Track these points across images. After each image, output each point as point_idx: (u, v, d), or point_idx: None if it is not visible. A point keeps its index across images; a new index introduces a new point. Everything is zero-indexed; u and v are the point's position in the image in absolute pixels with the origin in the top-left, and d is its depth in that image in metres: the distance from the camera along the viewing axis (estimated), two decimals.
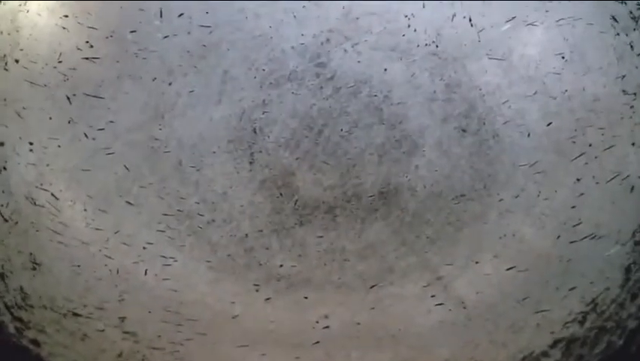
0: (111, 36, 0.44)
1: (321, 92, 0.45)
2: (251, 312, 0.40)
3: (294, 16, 0.46)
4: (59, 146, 0.43)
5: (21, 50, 0.42)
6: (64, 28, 0.43)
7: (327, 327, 0.40)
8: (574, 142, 0.41)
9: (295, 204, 0.42)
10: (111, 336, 0.39)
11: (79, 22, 0.43)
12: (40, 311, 0.38)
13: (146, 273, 0.41)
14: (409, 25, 0.46)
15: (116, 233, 0.42)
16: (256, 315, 0.40)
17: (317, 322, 0.40)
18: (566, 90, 0.41)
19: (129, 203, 0.42)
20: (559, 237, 0.40)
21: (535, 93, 0.42)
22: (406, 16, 0.46)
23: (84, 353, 0.38)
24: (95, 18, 0.43)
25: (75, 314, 0.38)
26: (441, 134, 0.43)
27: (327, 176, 0.43)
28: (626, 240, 0.40)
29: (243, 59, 0.46)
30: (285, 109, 0.45)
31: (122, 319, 0.39)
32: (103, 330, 0.38)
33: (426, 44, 0.46)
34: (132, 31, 0.44)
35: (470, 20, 0.44)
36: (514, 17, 0.43)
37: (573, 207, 0.40)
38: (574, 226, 0.40)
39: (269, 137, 0.43)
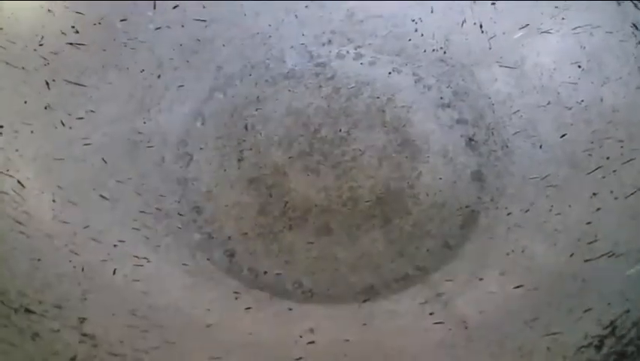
0: (99, 23, 0.47)
1: (320, 91, 0.44)
2: (228, 321, 0.39)
3: (296, 16, 0.46)
4: (32, 132, 0.45)
5: (0, 28, 0.43)
6: (49, 10, 0.46)
7: (312, 342, 0.38)
8: (590, 155, 0.41)
9: (285, 205, 0.40)
10: (67, 338, 0.36)
11: (65, 6, 0.47)
12: None
13: (114, 272, 0.42)
14: (416, 30, 0.45)
15: (85, 228, 0.43)
16: (233, 325, 0.38)
17: (301, 336, 0.38)
18: (582, 100, 0.41)
19: (103, 197, 0.42)
20: (572, 254, 0.39)
21: (549, 103, 0.42)
22: (414, 21, 0.45)
23: (32, 353, 0.34)
24: (83, 3, 0.47)
25: (28, 310, 0.35)
26: (447, 142, 0.42)
27: (322, 177, 0.44)
28: None
29: (238, 56, 0.45)
30: (280, 106, 0.44)
31: (82, 320, 0.37)
32: (58, 330, 0.36)
33: (433, 50, 0.45)
34: (122, 20, 0.45)
35: (481, 27, 0.44)
36: (527, 24, 0.43)
37: (588, 223, 0.40)
38: (589, 243, 0.39)
39: (261, 134, 0.43)
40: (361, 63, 0.47)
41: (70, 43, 0.46)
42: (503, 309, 0.40)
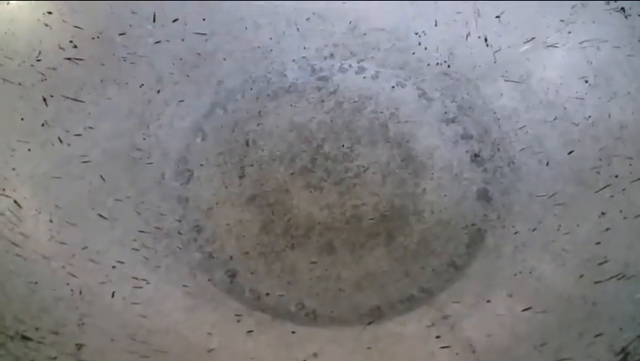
0: (98, 37, 0.44)
1: (322, 105, 0.41)
2: (229, 346, 0.37)
3: (297, 29, 0.43)
4: (29, 149, 0.42)
5: None
6: (46, 25, 0.43)
7: None
8: (598, 172, 0.38)
9: (287, 224, 0.37)
10: None
11: (64, 20, 0.43)
12: None
13: (113, 295, 0.39)
14: (419, 43, 0.43)
15: (83, 249, 0.41)
16: (235, 350, 0.36)
17: None
18: (590, 116, 0.38)
19: (102, 217, 0.40)
20: (582, 276, 0.37)
21: (556, 119, 0.39)
22: (417, 34, 0.43)
23: None
24: (81, 17, 0.44)
25: (24, 338, 0.33)
26: (451, 158, 0.39)
27: (325, 195, 0.42)
28: None
29: (239, 70, 0.43)
30: (282, 121, 0.41)
31: (80, 346, 0.37)
32: (55, 358, 0.33)
33: (437, 64, 0.42)
34: (121, 34, 0.44)
35: (486, 40, 0.41)
36: (533, 38, 0.40)
37: (598, 243, 0.37)
38: (599, 264, 0.37)
39: (262, 150, 0.40)
40: (364, 77, 0.45)
41: (69, 58, 0.43)
42: (511, 332, 0.38)
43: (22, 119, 0.41)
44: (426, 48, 0.44)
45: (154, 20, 0.43)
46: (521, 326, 0.37)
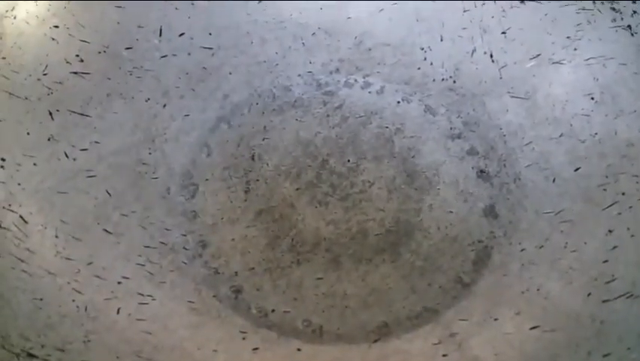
0: (104, 51, 0.42)
1: (328, 120, 0.40)
2: None
3: (303, 44, 0.42)
4: (35, 164, 0.40)
5: (3, 58, 0.40)
6: (53, 39, 0.41)
7: None
8: (605, 190, 0.37)
9: (293, 240, 0.37)
10: None
11: (70, 34, 0.42)
12: None
13: (118, 311, 0.38)
14: (425, 59, 0.42)
15: (89, 265, 0.39)
16: None
17: None
18: (596, 133, 0.37)
19: (107, 232, 0.39)
20: (589, 294, 0.36)
21: (562, 135, 0.38)
22: (422, 49, 0.42)
23: None
24: (88, 31, 0.42)
25: (30, 355, 0.33)
26: (457, 173, 0.38)
27: (330, 210, 0.40)
28: None
29: (245, 84, 0.42)
30: (288, 136, 0.40)
31: None
32: None
33: (443, 79, 0.41)
34: (128, 48, 0.42)
35: (491, 56, 0.40)
36: (538, 54, 0.39)
37: (605, 261, 0.36)
38: (606, 282, 0.36)
39: (268, 164, 0.39)
40: (369, 92, 0.43)
41: (75, 72, 0.41)
42: (519, 351, 0.36)
43: (28, 133, 0.40)
44: (431, 63, 0.43)
45: (160, 34, 0.42)
46: (529, 344, 0.36)
